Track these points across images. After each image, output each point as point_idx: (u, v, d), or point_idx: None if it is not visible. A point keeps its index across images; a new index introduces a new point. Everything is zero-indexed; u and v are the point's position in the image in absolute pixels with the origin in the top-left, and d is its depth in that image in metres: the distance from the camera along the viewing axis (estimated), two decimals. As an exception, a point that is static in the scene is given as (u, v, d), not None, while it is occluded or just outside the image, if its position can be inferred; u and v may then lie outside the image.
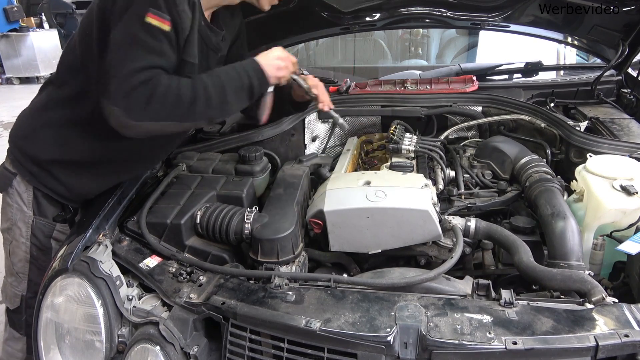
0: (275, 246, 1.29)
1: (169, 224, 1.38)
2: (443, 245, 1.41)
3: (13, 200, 1.52)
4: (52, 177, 1.49)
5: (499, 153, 1.76)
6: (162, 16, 1.22)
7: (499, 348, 0.95)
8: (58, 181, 1.50)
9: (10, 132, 1.54)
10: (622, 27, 2.06)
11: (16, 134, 1.53)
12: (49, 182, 1.50)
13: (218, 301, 1.14)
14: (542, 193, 1.47)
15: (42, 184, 1.50)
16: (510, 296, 1.09)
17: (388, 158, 1.83)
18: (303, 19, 2.28)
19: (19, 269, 1.57)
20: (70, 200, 1.56)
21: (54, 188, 1.51)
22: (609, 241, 1.34)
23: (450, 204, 1.61)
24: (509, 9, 2.25)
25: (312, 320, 1.04)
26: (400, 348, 1.00)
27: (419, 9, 2.32)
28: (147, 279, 1.28)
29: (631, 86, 2.20)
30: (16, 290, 1.58)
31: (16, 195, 1.51)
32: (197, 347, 1.15)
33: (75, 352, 1.25)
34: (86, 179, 1.52)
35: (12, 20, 8.70)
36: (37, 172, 1.49)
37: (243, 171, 1.64)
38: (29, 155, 1.48)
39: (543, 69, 2.52)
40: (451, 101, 2.11)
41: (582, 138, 1.72)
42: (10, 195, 1.53)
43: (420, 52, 3.31)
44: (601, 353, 0.94)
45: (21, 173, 1.50)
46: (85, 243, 1.32)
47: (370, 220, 1.34)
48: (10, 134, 1.54)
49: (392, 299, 1.10)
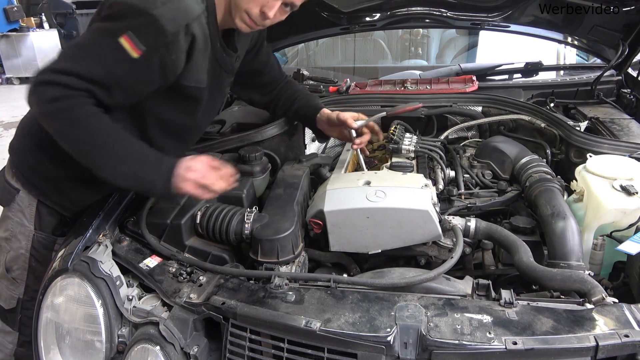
0: (275, 246, 1.29)
1: (169, 224, 1.38)
2: (443, 245, 1.41)
3: (14, 213, 1.52)
4: (58, 192, 1.50)
5: (499, 153, 1.76)
6: (137, 44, 1.19)
7: (499, 348, 0.95)
8: (63, 195, 1.50)
9: (11, 144, 1.52)
10: (622, 27, 2.06)
11: (19, 147, 1.52)
12: (54, 196, 1.50)
13: (218, 301, 1.14)
14: (542, 193, 1.47)
15: (48, 198, 1.50)
16: (510, 296, 1.09)
17: (388, 158, 1.83)
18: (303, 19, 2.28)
19: (16, 276, 1.57)
20: (73, 212, 1.55)
21: (60, 202, 1.51)
22: (609, 241, 1.34)
23: (450, 204, 1.61)
24: (509, 9, 2.25)
25: (312, 320, 1.04)
26: (400, 348, 1.00)
27: (419, 9, 2.32)
28: (147, 279, 1.28)
29: (631, 86, 2.20)
30: (13, 294, 1.58)
31: (18, 209, 1.51)
32: (197, 347, 1.15)
33: (75, 352, 1.25)
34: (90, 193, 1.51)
35: (12, 20, 8.69)
36: (43, 187, 1.49)
37: (243, 171, 1.63)
38: (36, 170, 1.47)
39: (543, 69, 2.52)
40: (451, 101, 2.10)
41: (582, 138, 1.72)
42: (12, 209, 1.52)
43: (420, 52, 3.31)
44: (601, 353, 0.94)
45: (26, 188, 1.49)
46: (85, 243, 1.32)
47: (370, 220, 1.34)
48: (12, 147, 1.52)
49: (392, 299, 1.10)
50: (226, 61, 1.49)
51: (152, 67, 1.25)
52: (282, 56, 2.98)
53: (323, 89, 2.30)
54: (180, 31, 1.23)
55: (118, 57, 1.20)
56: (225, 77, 1.56)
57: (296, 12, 1.44)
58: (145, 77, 1.27)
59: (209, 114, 1.67)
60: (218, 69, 1.48)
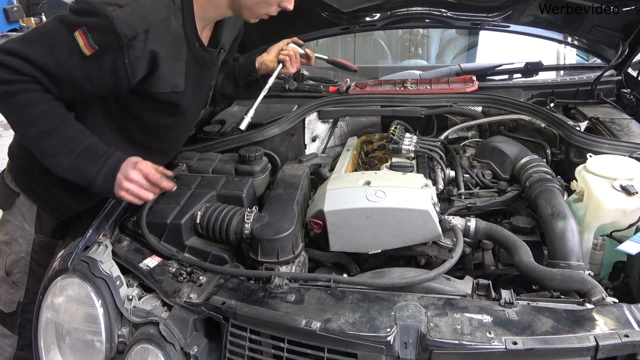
0: (275, 246, 1.29)
1: (169, 224, 1.38)
2: (443, 245, 1.41)
3: (14, 217, 1.52)
4: (54, 199, 1.50)
5: (499, 153, 1.76)
6: (90, 42, 1.19)
7: (499, 348, 0.95)
8: (59, 202, 1.51)
9: (10, 148, 1.52)
10: (622, 27, 2.06)
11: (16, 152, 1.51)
12: (51, 202, 1.51)
13: (218, 301, 1.14)
14: (542, 193, 1.47)
15: (45, 204, 1.50)
16: (510, 296, 1.08)
17: (388, 158, 1.83)
18: (303, 19, 2.28)
19: (16, 279, 1.57)
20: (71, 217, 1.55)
21: (57, 208, 1.52)
22: (609, 241, 1.34)
23: (450, 204, 1.61)
24: (509, 9, 2.25)
25: (312, 320, 1.04)
26: (400, 348, 1.00)
27: (419, 9, 2.32)
28: (147, 279, 1.28)
29: (631, 86, 2.19)
30: (13, 297, 1.58)
31: (18, 213, 1.51)
32: (197, 347, 1.15)
33: (75, 352, 1.25)
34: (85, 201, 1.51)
35: (12, 20, 8.69)
36: (40, 193, 1.49)
37: (243, 171, 1.64)
38: (32, 177, 1.47)
39: (543, 69, 2.52)
40: (451, 101, 2.10)
41: (582, 138, 1.72)
42: (12, 213, 1.52)
43: (420, 52, 3.31)
44: (601, 353, 0.94)
45: (25, 193, 1.50)
46: (85, 243, 1.32)
47: (370, 220, 1.34)
48: (10, 150, 1.52)
49: (392, 299, 1.10)
50: (206, 58, 1.47)
51: (104, 69, 1.23)
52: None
53: (323, 89, 2.30)
54: (137, 36, 1.21)
55: (70, 50, 1.19)
56: (207, 74, 1.54)
57: (296, 12, 1.44)
58: (96, 77, 1.25)
59: (193, 112, 1.65)
60: (198, 69, 1.46)
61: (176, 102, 1.43)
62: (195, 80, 1.47)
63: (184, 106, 1.48)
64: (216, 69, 1.60)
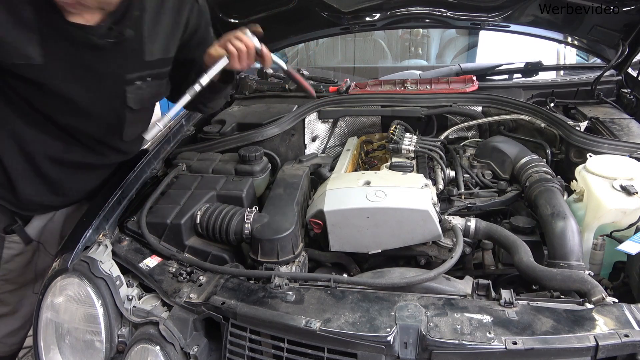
0: (275, 246, 1.29)
1: (169, 224, 1.38)
2: (443, 245, 1.41)
3: None
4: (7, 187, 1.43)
5: (499, 153, 1.76)
6: None
7: (499, 348, 0.95)
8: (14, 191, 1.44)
9: None
10: (622, 27, 2.06)
11: None
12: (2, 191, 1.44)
13: (218, 301, 1.14)
14: (542, 193, 1.47)
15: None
16: (510, 296, 1.08)
17: (388, 158, 1.83)
18: (303, 19, 2.28)
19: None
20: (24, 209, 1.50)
21: (7, 198, 1.46)
22: (609, 241, 1.34)
23: (450, 204, 1.61)
24: (509, 9, 2.25)
25: (312, 320, 1.04)
26: (400, 348, 1.00)
27: (419, 9, 2.32)
28: (147, 279, 1.28)
29: (631, 86, 2.19)
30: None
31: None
32: (197, 347, 1.15)
33: (75, 352, 1.25)
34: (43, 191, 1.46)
35: (12, 20, 8.69)
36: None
37: (243, 171, 1.64)
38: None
39: (543, 69, 2.52)
40: (451, 101, 2.10)
41: (582, 138, 1.72)
42: None
43: (420, 52, 3.31)
44: (601, 353, 0.94)
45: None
46: (85, 243, 1.32)
47: (370, 220, 1.34)
48: None
49: (392, 299, 1.10)
50: (73, 33, 1.24)
51: None
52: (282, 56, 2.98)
53: (323, 89, 2.30)
54: None
55: None
56: (89, 55, 1.29)
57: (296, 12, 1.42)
58: None
59: (82, 97, 1.35)
60: (65, 45, 1.26)
61: (34, 78, 1.26)
62: (69, 57, 1.27)
63: (50, 84, 1.29)
64: (119, 54, 1.33)
